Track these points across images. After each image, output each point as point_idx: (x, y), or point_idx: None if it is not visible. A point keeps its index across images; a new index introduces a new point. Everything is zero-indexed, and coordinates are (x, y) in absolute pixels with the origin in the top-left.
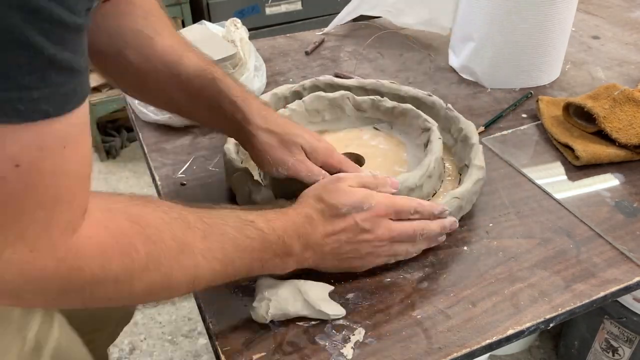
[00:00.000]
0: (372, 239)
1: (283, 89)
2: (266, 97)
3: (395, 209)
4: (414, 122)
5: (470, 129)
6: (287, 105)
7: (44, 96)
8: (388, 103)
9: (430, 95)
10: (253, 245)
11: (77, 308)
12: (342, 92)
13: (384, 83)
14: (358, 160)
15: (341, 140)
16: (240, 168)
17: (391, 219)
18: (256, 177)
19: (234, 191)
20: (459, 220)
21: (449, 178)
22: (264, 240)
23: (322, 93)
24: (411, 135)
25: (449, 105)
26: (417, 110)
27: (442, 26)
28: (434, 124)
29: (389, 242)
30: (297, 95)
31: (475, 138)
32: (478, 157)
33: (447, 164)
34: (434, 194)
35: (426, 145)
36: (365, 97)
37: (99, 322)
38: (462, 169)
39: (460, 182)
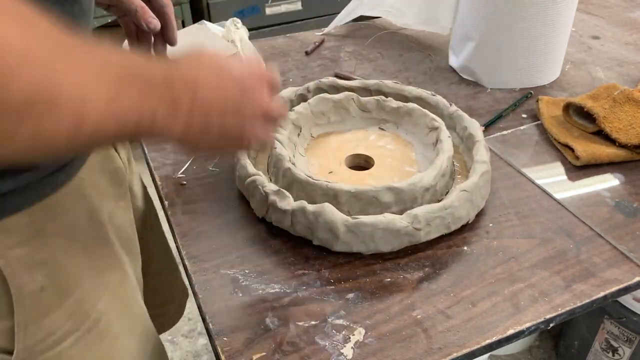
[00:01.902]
0: (249, 105)
1: (289, 92)
2: None
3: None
4: (420, 122)
5: (475, 126)
6: (294, 108)
7: None
8: (393, 103)
9: (434, 95)
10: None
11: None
12: (347, 93)
13: (387, 83)
14: (367, 161)
15: (348, 142)
16: (253, 173)
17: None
18: (267, 181)
19: (247, 197)
20: (474, 217)
21: (459, 177)
22: (147, 72)
23: (326, 95)
24: (418, 134)
25: (454, 105)
26: (423, 109)
27: (442, 26)
28: (441, 123)
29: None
30: (302, 97)
31: (479, 135)
32: (480, 153)
33: (455, 162)
34: (447, 192)
35: (435, 144)
36: (370, 98)
37: (166, 296)
38: (470, 167)
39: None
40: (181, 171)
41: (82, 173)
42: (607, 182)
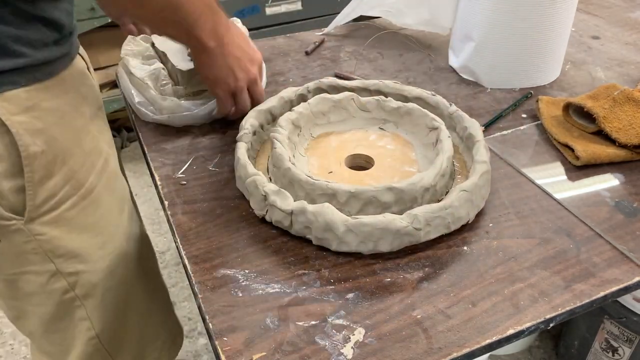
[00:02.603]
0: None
1: (289, 92)
2: (273, 100)
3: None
4: (420, 122)
5: (475, 126)
6: (294, 108)
7: None
8: (393, 103)
9: (434, 95)
10: None
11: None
12: (347, 93)
13: (387, 83)
14: (367, 161)
15: (348, 142)
16: (253, 173)
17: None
18: (267, 181)
19: (248, 197)
20: (474, 217)
21: (459, 177)
22: None
23: (326, 95)
24: (418, 134)
25: (454, 105)
26: (423, 109)
27: (442, 26)
28: (441, 123)
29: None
30: (302, 98)
31: (479, 135)
32: (480, 153)
33: (455, 162)
34: (447, 192)
35: (435, 144)
36: (370, 98)
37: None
38: (470, 167)
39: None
40: (181, 171)
41: (65, 74)
42: (607, 182)
